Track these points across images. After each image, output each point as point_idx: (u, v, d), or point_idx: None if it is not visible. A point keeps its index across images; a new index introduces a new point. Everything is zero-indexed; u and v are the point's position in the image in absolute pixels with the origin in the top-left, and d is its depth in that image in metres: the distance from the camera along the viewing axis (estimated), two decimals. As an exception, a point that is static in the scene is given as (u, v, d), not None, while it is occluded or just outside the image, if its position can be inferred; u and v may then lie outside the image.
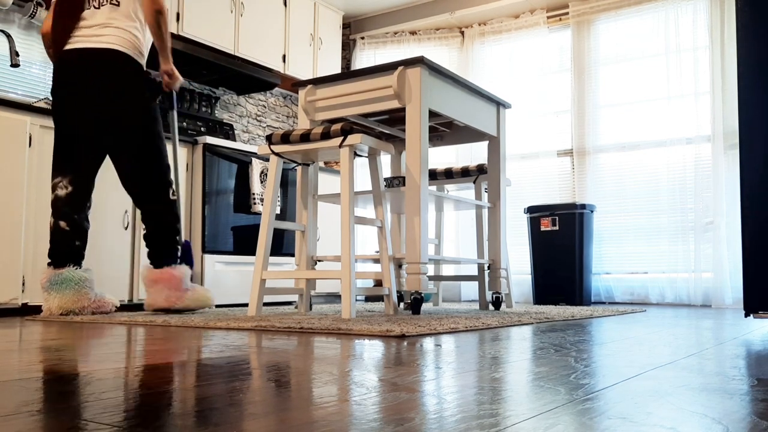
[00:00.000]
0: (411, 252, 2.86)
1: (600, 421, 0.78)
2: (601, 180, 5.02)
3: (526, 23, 5.40)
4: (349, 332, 2.06)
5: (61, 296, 2.85)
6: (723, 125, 4.53)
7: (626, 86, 4.99)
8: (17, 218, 3.17)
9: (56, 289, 2.85)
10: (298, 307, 3.22)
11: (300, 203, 3.20)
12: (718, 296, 4.45)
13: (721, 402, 0.91)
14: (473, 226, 5.34)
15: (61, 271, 2.89)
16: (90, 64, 2.88)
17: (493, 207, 3.58)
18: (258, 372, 1.20)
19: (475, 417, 0.80)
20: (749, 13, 2.13)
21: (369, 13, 5.96)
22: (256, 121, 5.42)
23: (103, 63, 2.88)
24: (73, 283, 2.88)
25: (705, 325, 2.54)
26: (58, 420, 0.77)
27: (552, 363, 1.33)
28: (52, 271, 2.89)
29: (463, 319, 2.61)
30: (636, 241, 4.85)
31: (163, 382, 1.07)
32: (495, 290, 3.52)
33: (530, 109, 5.32)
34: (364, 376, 1.15)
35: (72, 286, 2.87)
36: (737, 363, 1.36)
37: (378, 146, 2.86)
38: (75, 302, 2.87)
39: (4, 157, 3.14)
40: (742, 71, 2.11)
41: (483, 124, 3.45)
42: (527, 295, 5.17)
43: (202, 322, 2.43)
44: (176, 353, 1.50)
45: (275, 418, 0.79)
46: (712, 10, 4.64)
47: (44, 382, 1.07)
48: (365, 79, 3.06)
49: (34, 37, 3.90)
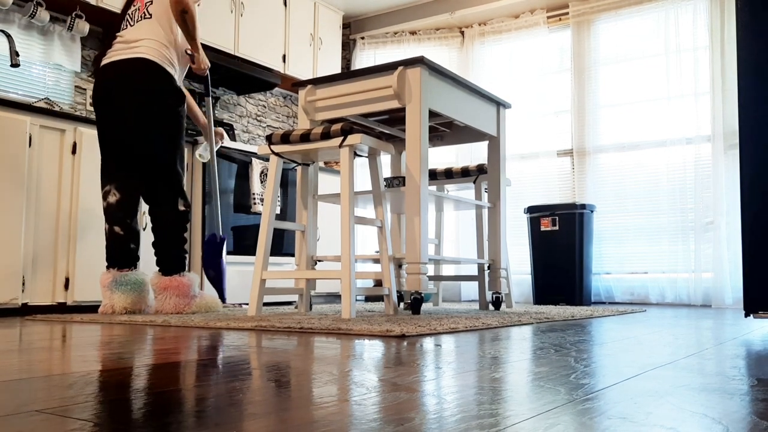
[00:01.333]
0: (411, 252, 2.86)
1: (600, 421, 0.78)
2: (601, 180, 5.02)
3: (526, 23, 5.40)
4: (349, 332, 2.06)
5: (125, 297, 3.01)
6: (723, 125, 4.53)
7: (626, 86, 4.99)
8: (17, 218, 3.17)
9: (121, 290, 3.01)
10: (298, 307, 3.22)
11: (300, 203, 3.20)
12: (718, 296, 4.45)
13: (721, 402, 0.91)
14: (473, 226, 5.34)
15: (125, 272, 3.05)
16: (122, 72, 3.01)
17: (493, 207, 3.58)
18: (258, 372, 1.20)
19: (475, 417, 0.80)
20: (749, 13, 2.13)
21: (369, 13, 5.96)
22: (256, 121, 5.42)
23: (132, 70, 3.00)
24: (136, 285, 3.05)
25: (705, 325, 2.54)
26: (58, 420, 0.77)
27: (552, 363, 1.33)
28: (116, 272, 3.04)
29: (463, 319, 2.61)
30: (636, 241, 4.85)
31: (164, 382, 1.07)
32: (495, 290, 3.52)
33: (530, 109, 5.31)
34: (364, 376, 1.15)
35: (135, 288, 3.04)
36: (737, 363, 1.36)
37: (378, 146, 2.86)
38: (136, 303, 3.04)
39: (4, 157, 3.14)
40: (742, 71, 2.11)
41: (483, 124, 3.45)
42: (527, 295, 5.17)
43: (202, 322, 2.43)
44: (176, 353, 1.50)
45: (275, 418, 0.79)
46: (712, 10, 4.64)
47: (44, 381, 1.07)
48: (365, 79, 3.06)
49: (34, 37, 3.90)
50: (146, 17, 3.07)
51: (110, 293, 3.00)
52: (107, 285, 3.01)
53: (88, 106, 4.18)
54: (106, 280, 3.02)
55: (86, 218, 3.44)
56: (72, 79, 4.12)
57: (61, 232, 3.35)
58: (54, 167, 3.35)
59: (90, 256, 3.44)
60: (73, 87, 4.12)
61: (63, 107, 4.02)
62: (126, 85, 2.99)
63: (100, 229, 3.50)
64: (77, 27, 3.90)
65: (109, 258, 3.07)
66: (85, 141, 3.46)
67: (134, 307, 3.02)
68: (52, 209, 3.33)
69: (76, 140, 3.43)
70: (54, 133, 3.36)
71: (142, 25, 3.06)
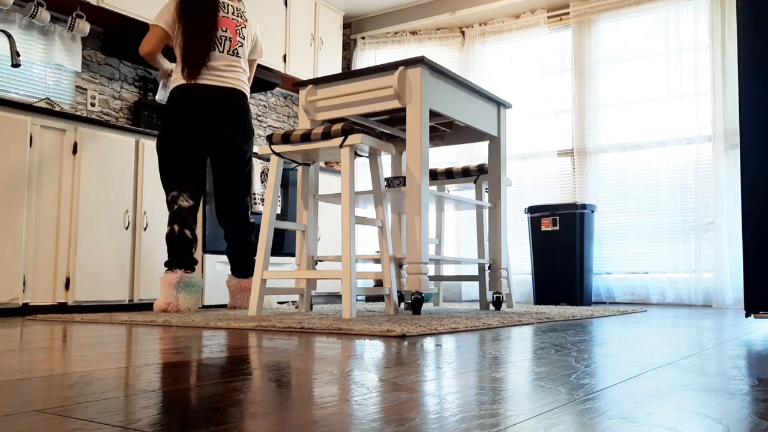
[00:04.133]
0: (411, 252, 2.86)
1: (600, 421, 0.78)
2: (602, 180, 5.02)
3: (526, 23, 5.40)
4: (350, 332, 2.06)
5: (189, 297, 3.26)
6: (724, 125, 4.53)
7: (627, 86, 4.99)
8: (18, 218, 3.17)
9: (186, 291, 3.26)
10: (298, 307, 3.22)
11: (300, 203, 3.20)
12: (718, 296, 4.45)
13: (722, 402, 0.91)
14: (474, 226, 5.34)
15: (190, 274, 3.28)
16: (218, 97, 3.34)
17: (494, 207, 3.58)
18: (259, 372, 1.20)
19: (475, 417, 0.80)
20: (750, 13, 2.12)
21: (369, 13, 5.96)
22: (256, 121, 5.42)
23: (228, 98, 3.36)
24: (197, 287, 3.31)
25: (706, 325, 2.54)
26: (58, 420, 0.77)
27: (552, 363, 1.33)
28: (183, 274, 3.25)
29: (464, 319, 2.60)
30: (637, 241, 4.85)
31: (164, 382, 1.07)
32: (495, 290, 3.52)
33: (531, 109, 5.31)
34: (364, 376, 1.15)
35: (197, 290, 3.31)
36: (738, 363, 1.36)
37: (378, 146, 2.86)
38: (196, 303, 3.31)
39: (4, 157, 3.14)
40: (742, 71, 2.11)
41: (483, 124, 3.44)
42: (528, 295, 5.17)
43: (202, 321, 2.43)
44: (177, 353, 1.50)
45: (276, 418, 0.79)
46: (713, 9, 4.63)
47: (45, 381, 1.07)
48: (366, 79, 3.06)
49: (34, 37, 3.90)
50: (237, 55, 3.42)
51: (176, 293, 3.21)
52: (173, 284, 3.21)
53: (89, 106, 4.19)
54: (173, 279, 3.21)
55: (87, 218, 3.44)
56: (73, 79, 4.12)
57: (62, 231, 3.35)
58: (55, 167, 3.35)
59: (90, 255, 3.44)
60: (73, 87, 4.12)
61: (64, 107, 4.02)
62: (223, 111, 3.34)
63: (101, 229, 3.50)
64: (78, 27, 3.90)
65: (175, 260, 3.27)
66: (86, 141, 3.46)
67: (195, 307, 3.29)
68: (53, 209, 3.33)
69: (76, 140, 3.43)
70: (55, 133, 3.37)
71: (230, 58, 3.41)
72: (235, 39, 3.41)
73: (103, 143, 3.54)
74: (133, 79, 4.47)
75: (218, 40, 3.35)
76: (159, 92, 3.70)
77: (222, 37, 3.36)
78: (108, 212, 3.55)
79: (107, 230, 3.54)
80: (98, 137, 3.53)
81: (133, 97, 4.45)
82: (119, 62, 4.39)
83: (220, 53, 3.35)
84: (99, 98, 4.25)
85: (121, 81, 4.39)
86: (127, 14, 3.97)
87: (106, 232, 3.53)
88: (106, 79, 4.30)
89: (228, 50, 3.37)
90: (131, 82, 4.45)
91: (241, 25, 3.46)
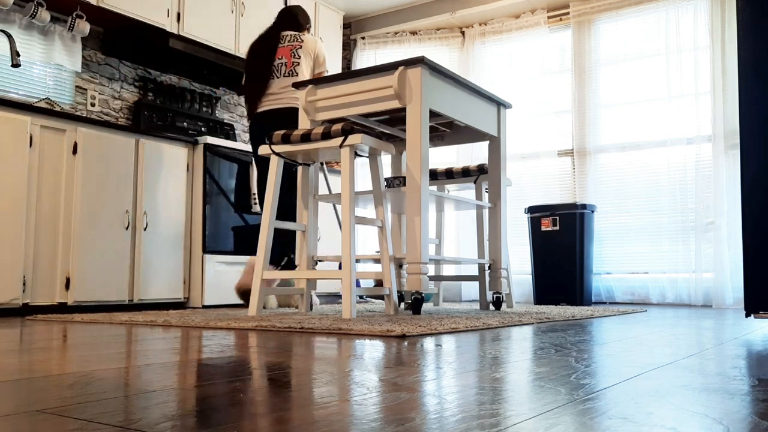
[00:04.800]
0: (411, 252, 2.86)
1: (601, 421, 0.78)
2: (602, 180, 5.02)
3: (526, 23, 5.40)
4: (350, 332, 2.06)
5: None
6: (724, 125, 4.53)
7: (627, 86, 4.99)
8: (18, 219, 3.17)
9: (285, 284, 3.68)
10: (298, 307, 3.22)
11: (301, 203, 3.20)
12: (718, 296, 4.45)
13: (722, 402, 0.91)
14: (474, 226, 5.34)
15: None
16: (280, 117, 3.71)
17: (494, 207, 3.58)
18: (259, 372, 1.20)
19: (475, 417, 0.80)
20: (750, 13, 2.12)
21: (369, 13, 5.96)
22: (256, 121, 5.41)
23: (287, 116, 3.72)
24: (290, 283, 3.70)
25: (706, 325, 2.54)
26: (58, 420, 0.77)
27: (552, 363, 1.33)
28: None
29: (464, 319, 2.60)
30: (637, 241, 4.85)
31: (164, 382, 1.07)
32: (495, 290, 3.52)
33: (531, 109, 5.31)
34: (364, 376, 1.15)
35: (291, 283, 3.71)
36: (738, 363, 1.36)
37: (378, 146, 2.86)
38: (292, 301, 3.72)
39: (4, 157, 3.14)
40: (742, 71, 2.11)
41: (483, 124, 3.44)
42: (528, 295, 5.17)
43: (202, 322, 2.43)
44: (177, 353, 1.50)
45: (276, 418, 0.79)
46: (713, 9, 4.63)
47: (45, 381, 1.07)
48: (366, 79, 3.06)
49: (34, 37, 3.90)
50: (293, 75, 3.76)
51: None
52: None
53: (89, 107, 4.19)
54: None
55: (87, 218, 3.44)
56: (72, 80, 4.12)
57: (62, 232, 3.35)
58: (55, 167, 3.35)
59: (90, 256, 3.44)
60: (73, 87, 4.12)
61: (64, 107, 4.02)
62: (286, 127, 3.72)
63: (101, 229, 3.50)
64: (78, 27, 3.90)
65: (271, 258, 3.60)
66: (86, 141, 3.46)
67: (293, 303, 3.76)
68: (53, 209, 3.33)
69: (76, 140, 3.43)
70: (55, 134, 3.37)
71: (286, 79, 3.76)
72: (290, 61, 3.78)
73: (103, 143, 3.54)
74: (133, 79, 4.47)
75: (275, 68, 3.77)
76: None
77: (279, 64, 3.78)
78: (108, 212, 3.55)
79: (107, 230, 3.54)
80: (98, 137, 3.53)
81: (133, 97, 4.45)
82: (119, 62, 4.39)
83: (278, 78, 3.75)
84: (99, 98, 4.25)
85: (121, 81, 4.39)
86: (127, 14, 3.97)
87: (105, 232, 3.53)
88: (106, 79, 4.30)
89: (284, 73, 3.76)
90: (131, 82, 4.45)
91: (296, 47, 3.79)
